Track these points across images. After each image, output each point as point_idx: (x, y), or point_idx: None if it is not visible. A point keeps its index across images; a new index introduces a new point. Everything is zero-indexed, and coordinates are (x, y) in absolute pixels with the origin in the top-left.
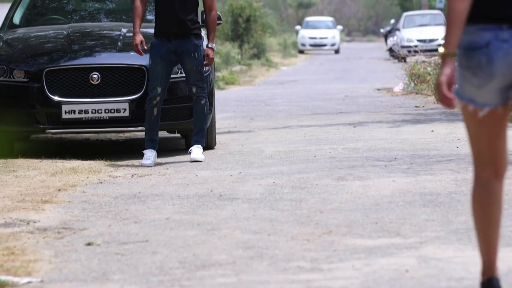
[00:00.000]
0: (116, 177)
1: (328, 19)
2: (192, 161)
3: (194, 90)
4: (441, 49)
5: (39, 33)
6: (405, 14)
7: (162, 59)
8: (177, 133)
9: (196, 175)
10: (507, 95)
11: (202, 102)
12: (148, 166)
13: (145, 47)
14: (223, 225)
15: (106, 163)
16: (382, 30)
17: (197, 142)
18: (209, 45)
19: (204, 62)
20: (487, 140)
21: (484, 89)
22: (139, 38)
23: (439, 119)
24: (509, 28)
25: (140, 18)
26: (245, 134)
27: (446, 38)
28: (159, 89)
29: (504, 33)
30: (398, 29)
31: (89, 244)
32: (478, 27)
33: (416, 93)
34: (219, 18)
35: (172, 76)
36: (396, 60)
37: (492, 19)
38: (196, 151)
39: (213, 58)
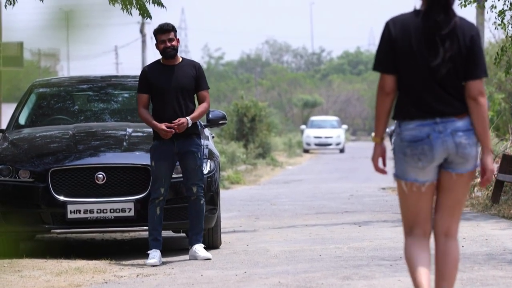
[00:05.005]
0: (121, 276)
1: (333, 118)
2: (203, 259)
3: (195, 190)
4: (373, 138)
5: (45, 133)
6: None
7: (165, 160)
8: (182, 232)
9: (202, 275)
10: (439, 170)
11: (202, 201)
12: (153, 266)
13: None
14: None
15: (111, 262)
16: (387, 130)
17: (199, 241)
18: (188, 118)
19: (175, 126)
20: (425, 206)
21: (426, 169)
22: (161, 124)
23: None
24: (441, 120)
25: (151, 115)
26: (250, 233)
27: (375, 129)
28: (162, 190)
29: (439, 126)
30: None
31: None
32: (417, 123)
33: None
34: (224, 118)
35: (176, 175)
36: None
37: (428, 116)
38: (203, 250)
39: (184, 126)
